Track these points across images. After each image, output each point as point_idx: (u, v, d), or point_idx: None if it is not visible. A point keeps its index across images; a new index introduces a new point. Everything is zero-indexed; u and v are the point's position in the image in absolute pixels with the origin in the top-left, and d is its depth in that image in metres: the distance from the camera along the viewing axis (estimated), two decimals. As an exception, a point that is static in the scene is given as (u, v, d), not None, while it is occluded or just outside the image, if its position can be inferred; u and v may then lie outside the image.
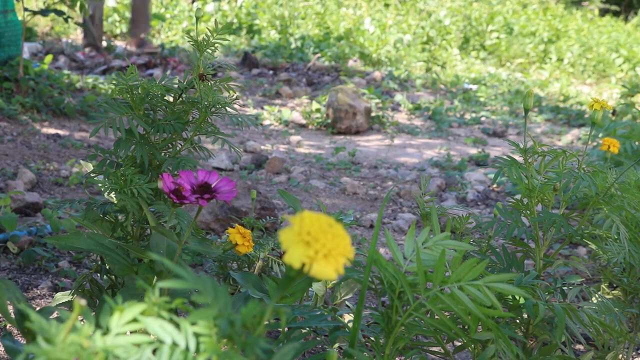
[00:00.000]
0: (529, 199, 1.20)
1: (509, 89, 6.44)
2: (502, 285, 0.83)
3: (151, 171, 1.12)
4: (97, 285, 1.22)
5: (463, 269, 0.83)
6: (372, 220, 2.58)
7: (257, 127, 4.18)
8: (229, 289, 1.55)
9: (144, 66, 5.53)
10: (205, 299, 0.59)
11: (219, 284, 0.61)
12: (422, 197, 1.26)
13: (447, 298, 0.84)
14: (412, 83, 6.34)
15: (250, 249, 1.15)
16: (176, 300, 0.60)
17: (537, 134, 4.75)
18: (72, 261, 1.95)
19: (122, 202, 1.07)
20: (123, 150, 1.09)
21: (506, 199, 2.93)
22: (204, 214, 2.25)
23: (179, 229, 1.13)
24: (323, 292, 1.44)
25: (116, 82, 1.10)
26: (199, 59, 1.15)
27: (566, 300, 1.14)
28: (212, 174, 1.01)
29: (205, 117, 1.13)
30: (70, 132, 3.52)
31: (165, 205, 1.10)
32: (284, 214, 2.46)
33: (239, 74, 6.00)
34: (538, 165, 1.22)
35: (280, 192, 1.22)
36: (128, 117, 1.08)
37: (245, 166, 3.31)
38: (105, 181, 1.06)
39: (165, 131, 1.10)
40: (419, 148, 4.09)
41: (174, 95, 1.14)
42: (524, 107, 1.26)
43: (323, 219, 0.58)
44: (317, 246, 0.56)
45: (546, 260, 1.22)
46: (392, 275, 0.88)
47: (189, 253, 1.12)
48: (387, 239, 0.92)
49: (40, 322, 0.53)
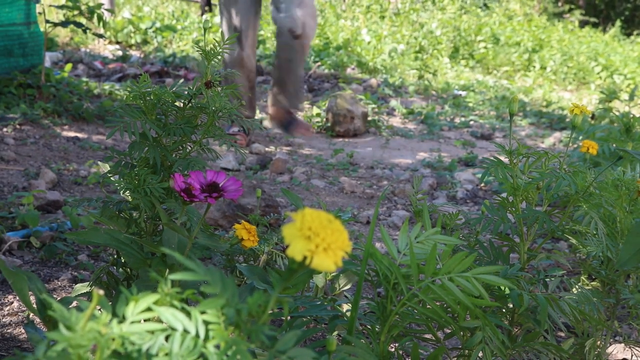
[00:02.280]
0: (514, 197, 1.20)
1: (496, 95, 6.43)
2: (489, 276, 0.84)
3: (163, 171, 1.12)
4: (114, 277, 1.22)
5: (453, 262, 0.84)
6: (368, 217, 2.58)
7: (261, 130, 4.18)
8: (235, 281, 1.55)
9: (156, 74, 5.53)
10: (214, 290, 0.59)
11: (226, 276, 0.61)
12: (415, 195, 1.26)
13: (438, 289, 0.84)
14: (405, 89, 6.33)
15: (255, 243, 1.15)
16: (187, 291, 0.60)
17: (521, 137, 4.75)
18: (90, 255, 1.95)
19: (136, 200, 1.08)
20: (137, 152, 1.09)
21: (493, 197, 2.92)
22: (212, 211, 2.25)
23: (189, 225, 1.13)
24: (323, 283, 1.44)
25: (130, 89, 1.10)
26: (207, 67, 1.15)
27: (548, 291, 1.14)
28: (220, 174, 1.01)
29: (213, 121, 1.13)
30: (89, 135, 3.52)
31: (176, 203, 1.10)
32: (287, 211, 2.46)
33: (245, 81, 5.98)
34: (522, 166, 1.22)
35: (283, 191, 1.22)
36: (142, 121, 1.08)
37: (251, 167, 3.31)
38: (121, 181, 1.07)
39: (176, 134, 1.10)
40: (412, 150, 4.09)
41: (183, 101, 1.14)
42: (510, 111, 1.26)
43: (323, 216, 0.58)
44: (317, 240, 0.56)
45: (530, 254, 1.22)
46: (387, 267, 0.88)
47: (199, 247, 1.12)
48: (382, 234, 0.92)
49: (62, 311, 0.53)
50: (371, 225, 0.90)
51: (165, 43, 7.35)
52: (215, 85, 1.14)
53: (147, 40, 7.29)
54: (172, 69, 5.88)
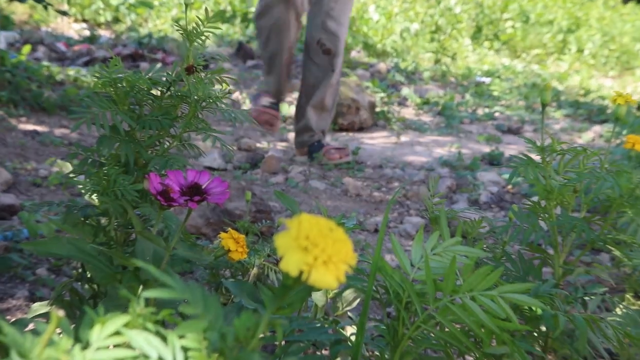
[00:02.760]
0: (547, 201, 1.20)
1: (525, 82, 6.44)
2: (518, 295, 0.83)
3: (136, 171, 1.12)
4: (78, 294, 1.21)
5: (476, 278, 0.83)
6: (376, 224, 2.58)
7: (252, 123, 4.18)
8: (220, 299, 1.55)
9: (129, 57, 5.53)
10: (195, 310, 0.58)
11: (209, 294, 0.61)
12: (431, 199, 1.25)
13: (458, 309, 0.83)
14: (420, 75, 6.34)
15: (244, 255, 1.15)
16: (163, 312, 0.59)
17: (555, 131, 4.75)
18: (50, 269, 1.95)
19: (104, 205, 1.07)
20: (106, 148, 1.09)
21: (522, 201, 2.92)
22: (194, 217, 2.24)
23: (166, 233, 1.13)
24: (323, 302, 1.43)
25: (99, 75, 1.10)
26: (188, 49, 1.14)
27: (588, 311, 1.13)
28: (203, 174, 1.01)
29: (195, 112, 1.13)
30: (50, 129, 3.51)
31: (152, 208, 1.10)
32: (280, 217, 2.46)
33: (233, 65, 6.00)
34: (557, 165, 1.22)
35: (276, 194, 1.21)
36: (112, 112, 1.08)
37: (240, 165, 3.31)
38: (87, 182, 1.06)
39: (152, 127, 1.10)
40: (427, 146, 4.09)
41: (161, 89, 1.14)
42: (541, 101, 1.26)
43: (323, 223, 0.58)
44: (316, 252, 0.56)
45: (566, 268, 1.22)
46: (399, 284, 0.87)
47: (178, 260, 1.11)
48: (393, 244, 0.91)
49: (14, 335, 0.52)
50: (380, 234, 0.90)
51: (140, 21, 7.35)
52: (198, 71, 1.14)
53: (119, 18, 7.30)
54: (147, 52, 5.88)
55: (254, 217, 2.30)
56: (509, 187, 3.18)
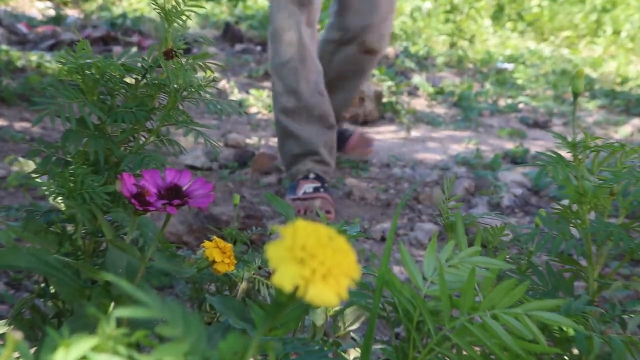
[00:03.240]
0: (579, 205, 1.20)
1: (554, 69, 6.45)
2: (546, 313, 0.83)
3: (107, 170, 1.12)
4: (40, 313, 1.21)
5: (498, 293, 0.83)
6: (383, 232, 2.58)
7: (240, 115, 4.18)
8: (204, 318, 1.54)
9: (100, 41, 5.54)
10: (174, 331, 0.58)
11: (191, 312, 0.60)
12: (446, 202, 1.25)
13: (477, 329, 0.83)
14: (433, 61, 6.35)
15: (231, 267, 1.14)
16: (137, 333, 0.59)
17: (588, 125, 4.76)
18: (9, 283, 1.94)
19: (71, 210, 1.07)
20: (73, 144, 1.09)
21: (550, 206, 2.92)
22: (175, 224, 2.24)
23: (142, 242, 1.12)
24: (322, 321, 1.43)
25: (65, 60, 1.10)
26: (167, 31, 1.14)
27: (626, 332, 1.13)
28: (184, 174, 1.01)
29: (175, 103, 1.12)
30: (9, 122, 3.51)
31: (125, 213, 1.09)
32: (273, 224, 2.46)
33: (219, 49, 6.00)
34: (590, 164, 1.22)
35: (269, 197, 1.21)
36: (79, 103, 1.08)
37: (227, 164, 3.31)
38: (51, 183, 1.06)
39: (125, 121, 1.09)
40: (441, 142, 4.09)
41: (136, 77, 1.14)
42: (573, 90, 1.26)
43: (322, 230, 0.57)
44: (314, 264, 0.56)
45: (601, 282, 1.22)
46: (409, 300, 0.87)
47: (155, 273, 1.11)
48: (402, 254, 0.91)
49: (-35, 361, 0.52)
50: (387, 243, 0.89)
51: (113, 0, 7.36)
52: (178, 55, 1.14)
53: (88, -5, 7.31)
54: (121, 34, 5.89)
55: (242, 224, 2.30)
56: (536, 189, 3.18)
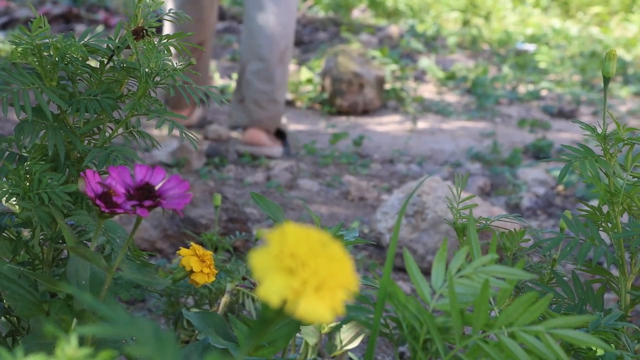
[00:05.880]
0: (610, 206, 1.20)
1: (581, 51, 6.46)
2: (571, 331, 0.83)
3: (69, 167, 1.12)
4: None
5: (516, 308, 0.83)
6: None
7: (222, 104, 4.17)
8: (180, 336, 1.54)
9: (61, 18, 5.53)
10: (144, 351, 0.58)
11: (165, 329, 0.60)
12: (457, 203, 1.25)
13: (492, 349, 0.83)
14: (443, 42, 6.35)
15: (212, 277, 1.14)
16: (102, 353, 0.59)
17: (621, 114, 4.77)
18: (-43, 296, 1.94)
19: (26, 212, 1.07)
20: (29, 136, 1.09)
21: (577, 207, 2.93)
22: (147, 229, 2.24)
23: (108, 249, 1.12)
24: (316, 339, 1.43)
25: (19, 40, 1.10)
26: (137, 7, 1.14)
27: (663, 351, 1.13)
28: (157, 171, 1.01)
29: (146, 89, 1.12)
30: (-44, 112, 3.50)
31: (90, 217, 1.09)
32: (259, 228, 2.46)
33: (197, 28, 5.99)
34: (623, 159, 1.22)
35: (254, 197, 1.21)
36: (36, 90, 1.08)
37: (206, 160, 3.31)
38: (3, 182, 1.06)
39: (89, 110, 1.09)
40: (452, 134, 4.10)
41: (101, 59, 1.14)
42: (603, 75, 1.26)
43: (314, 236, 0.58)
44: (305, 274, 0.56)
45: (635, 295, 1.22)
46: (415, 315, 0.87)
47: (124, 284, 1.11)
48: (407, 263, 0.91)
49: None
50: (390, 250, 0.89)
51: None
52: (150, 35, 1.14)
53: (47, -35, 7.29)
54: (85, 11, 5.87)
55: (224, 228, 2.29)
56: (560, 187, 3.19)
